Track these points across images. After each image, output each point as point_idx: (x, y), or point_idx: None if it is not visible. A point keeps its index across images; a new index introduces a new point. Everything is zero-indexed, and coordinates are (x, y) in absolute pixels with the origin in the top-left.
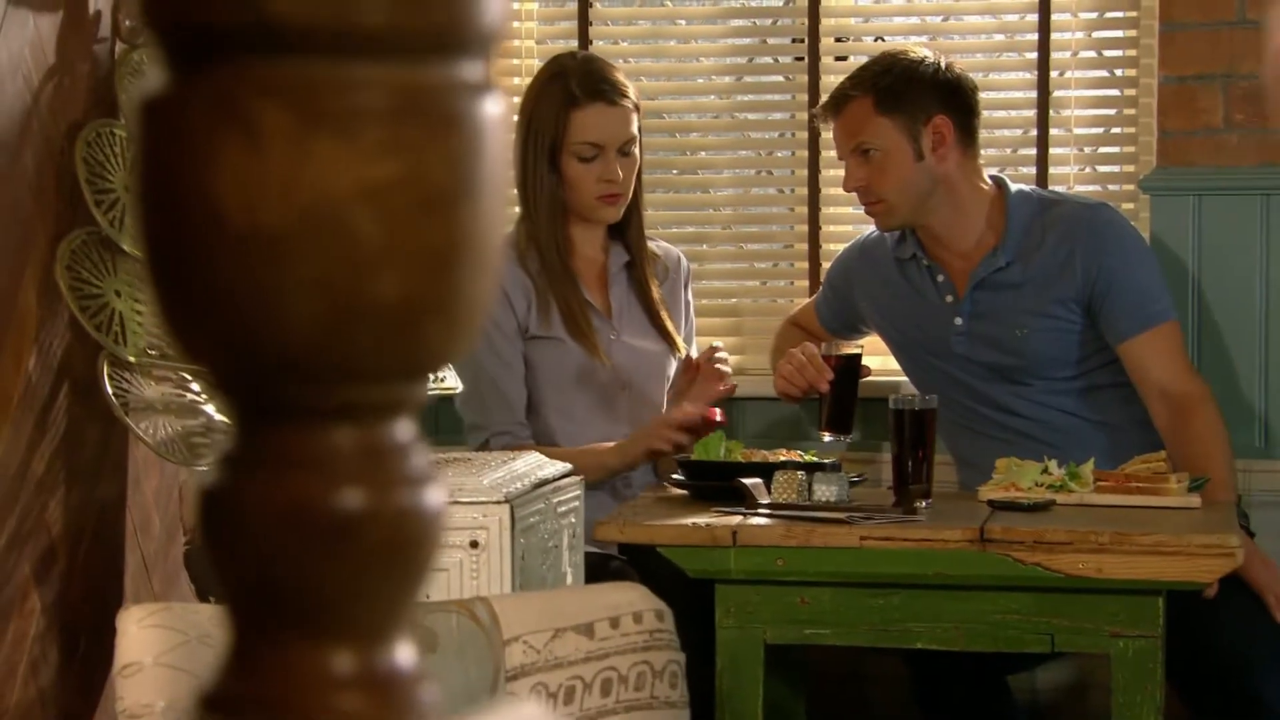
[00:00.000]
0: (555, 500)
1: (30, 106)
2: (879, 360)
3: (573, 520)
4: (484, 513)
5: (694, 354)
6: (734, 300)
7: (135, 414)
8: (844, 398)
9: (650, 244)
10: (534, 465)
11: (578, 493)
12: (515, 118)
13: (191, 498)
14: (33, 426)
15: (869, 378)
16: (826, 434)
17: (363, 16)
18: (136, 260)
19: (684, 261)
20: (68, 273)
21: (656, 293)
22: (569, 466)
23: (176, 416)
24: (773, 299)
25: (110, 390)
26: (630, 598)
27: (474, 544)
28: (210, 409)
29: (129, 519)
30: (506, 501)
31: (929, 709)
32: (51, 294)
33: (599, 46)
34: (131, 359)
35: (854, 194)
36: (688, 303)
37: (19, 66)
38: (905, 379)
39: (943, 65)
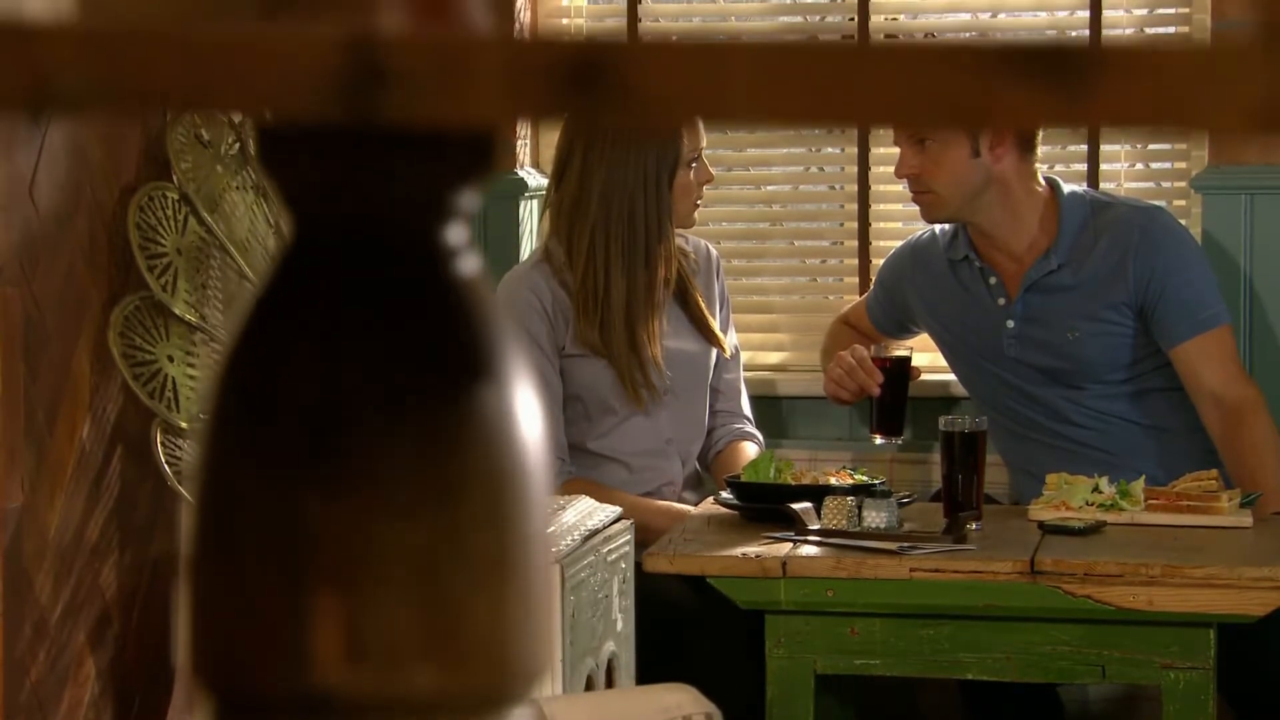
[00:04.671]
0: (605, 550)
1: (83, 175)
2: (929, 358)
3: (623, 566)
4: None
5: (733, 342)
6: (783, 297)
7: (188, 481)
8: (894, 400)
9: (678, 239)
10: (584, 514)
11: (628, 538)
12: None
13: None
14: (87, 494)
15: (919, 379)
16: (877, 436)
17: (411, 687)
18: (188, 324)
19: (713, 252)
20: (121, 339)
21: (695, 292)
22: (619, 511)
23: None
24: (823, 295)
25: (163, 457)
26: (680, 700)
27: None
28: None
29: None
30: (556, 563)
31: (979, 718)
32: (105, 360)
33: None
34: (184, 425)
35: (904, 184)
36: (722, 291)
37: (72, 135)
38: (955, 378)
39: None
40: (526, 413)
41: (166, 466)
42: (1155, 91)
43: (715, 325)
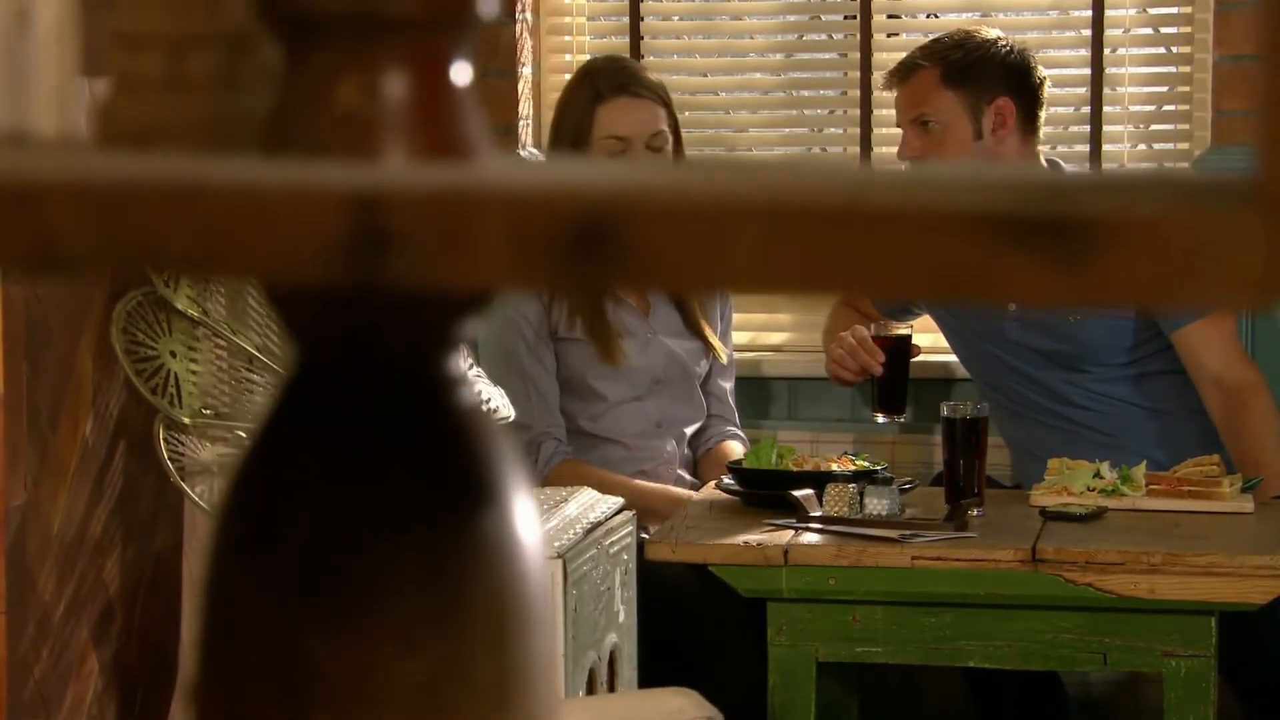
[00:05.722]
0: (608, 543)
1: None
2: (930, 339)
3: (625, 558)
4: None
5: (729, 349)
6: None
7: (190, 477)
8: (896, 378)
9: None
10: (586, 506)
11: (630, 529)
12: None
13: None
14: (90, 490)
15: (921, 357)
16: (879, 415)
17: None
18: (190, 319)
19: None
20: (123, 335)
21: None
22: (620, 502)
23: None
24: None
25: (165, 453)
26: (681, 704)
27: None
28: None
29: (185, 566)
30: (559, 557)
31: (982, 701)
32: (108, 356)
33: (650, 24)
34: (186, 420)
35: (905, 168)
36: (725, 302)
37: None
38: (956, 359)
39: (1015, 50)
40: (528, 538)
41: (169, 462)
42: (1155, 265)
43: (707, 327)
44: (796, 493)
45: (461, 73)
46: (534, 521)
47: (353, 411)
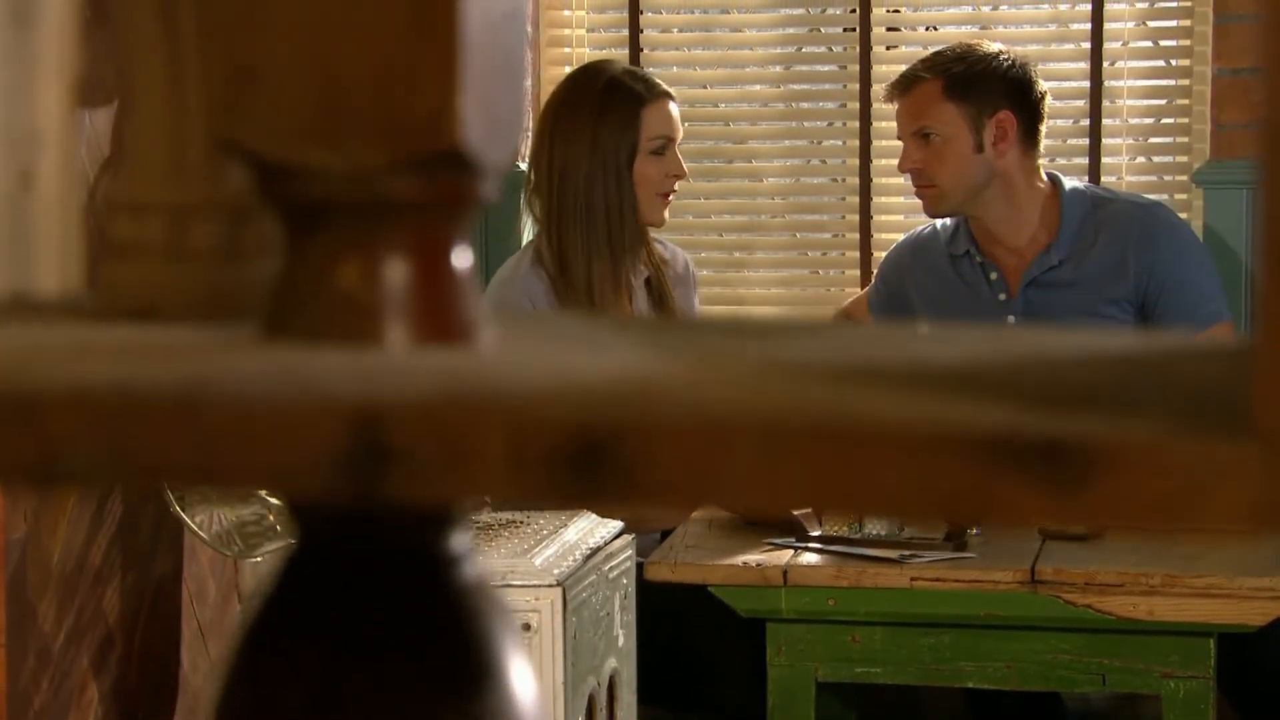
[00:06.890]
0: (607, 568)
1: (86, 204)
2: None
3: (624, 582)
4: (536, 596)
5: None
6: (784, 289)
7: (190, 506)
8: None
9: (658, 246)
10: (585, 532)
11: (629, 553)
12: (541, 123)
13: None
14: (90, 519)
15: None
16: None
17: None
18: None
19: (691, 265)
20: None
21: (676, 304)
22: (620, 525)
23: (230, 507)
24: (824, 288)
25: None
26: None
27: (526, 626)
28: (264, 494)
29: (185, 590)
30: (559, 585)
31: (982, 717)
32: None
33: (650, 35)
34: None
35: (906, 178)
36: (695, 306)
37: (77, 166)
38: None
39: (1017, 64)
40: (527, 713)
41: (169, 491)
42: (1151, 491)
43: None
44: (796, 512)
45: (463, 257)
46: (533, 695)
47: (353, 590)
